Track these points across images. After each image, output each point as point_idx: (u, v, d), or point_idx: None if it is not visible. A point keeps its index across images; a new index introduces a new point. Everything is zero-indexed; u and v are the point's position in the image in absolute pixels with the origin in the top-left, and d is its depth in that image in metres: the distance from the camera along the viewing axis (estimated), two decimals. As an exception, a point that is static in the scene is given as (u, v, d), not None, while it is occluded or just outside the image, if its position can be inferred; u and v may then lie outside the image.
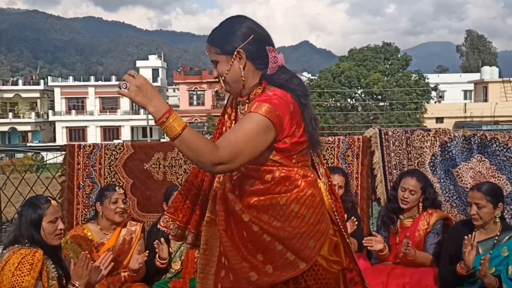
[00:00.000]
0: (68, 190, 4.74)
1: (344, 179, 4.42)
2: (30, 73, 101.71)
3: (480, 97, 47.58)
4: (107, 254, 3.42)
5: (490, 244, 3.58)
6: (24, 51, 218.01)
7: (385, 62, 43.49)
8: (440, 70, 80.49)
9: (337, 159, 4.85)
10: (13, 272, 2.85)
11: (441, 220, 4.12)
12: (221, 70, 2.39)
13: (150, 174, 4.76)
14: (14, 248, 3.01)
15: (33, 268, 2.89)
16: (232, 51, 2.36)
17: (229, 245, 2.40)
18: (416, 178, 4.18)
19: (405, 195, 4.15)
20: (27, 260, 2.89)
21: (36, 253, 2.95)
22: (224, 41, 2.39)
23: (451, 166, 4.80)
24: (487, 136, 4.81)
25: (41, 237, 3.06)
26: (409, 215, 4.22)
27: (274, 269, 2.33)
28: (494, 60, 73.16)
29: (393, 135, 4.88)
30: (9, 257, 2.92)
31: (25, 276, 2.85)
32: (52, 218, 3.10)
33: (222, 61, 2.39)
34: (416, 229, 4.13)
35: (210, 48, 2.42)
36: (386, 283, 3.90)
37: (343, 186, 4.40)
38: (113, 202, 3.99)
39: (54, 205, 3.19)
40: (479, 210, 3.57)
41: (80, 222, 4.60)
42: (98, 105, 55.73)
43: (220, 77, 2.41)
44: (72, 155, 4.75)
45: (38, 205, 3.11)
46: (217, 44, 2.40)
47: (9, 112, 56.08)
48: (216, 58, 2.40)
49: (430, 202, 4.18)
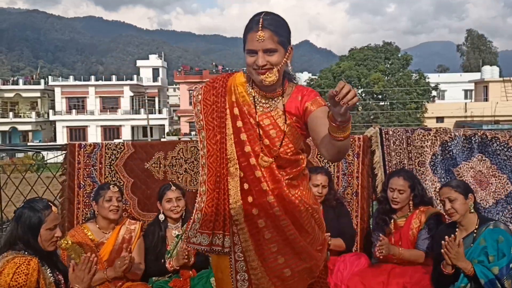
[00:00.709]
0: (68, 190, 4.74)
1: (327, 178, 4.42)
2: (30, 73, 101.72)
3: (481, 97, 47.57)
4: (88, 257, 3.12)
5: (471, 239, 3.65)
6: (25, 51, 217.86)
7: (386, 61, 43.48)
8: (440, 69, 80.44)
9: (337, 158, 4.84)
10: (9, 283, 2.77)
11: (433, 216, 4.14)
12: (278, 60, 2.45)
13: (150, 173, 4.75)
14: (8, 255, 2.92)
15: (28, 278, 2.81)
16: (287, 45, 2.48)
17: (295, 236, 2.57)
18: (403, 177, 4.21)
19: (394, 195, 4.18)
20: (22, 270, 2.81)
21: (31, 261, 2.87)
22: (285, 34, 2.48)
23: (452, 166, 4.80)
24: (488, 136, 4.81)
25: (37, 243, 2.99)
26: (401, 215, 4.24)
27: (320, 251, 2.73)
28: (495, 60, 73.16)
29: (393, 135, 4.87)
30: (3, 267, 2.83)
31: (22, 287, 2.80)
32: (51, 226, 3.03)
33: (280, 52, 2.45)
34: (409, 228, 4.15)
35: (272, 35, 2.42)
36: (386, 283, 3.91)
37: (327, 185, 4.41)
38: (107, 200, 3.98)
39: (55, 211, 3.11)
40: (452, 203, 3.67)
41: (80, 221, 4.60)
42: (98, 104, 55.71)
43: (276, 66, 2.44)
44: (73, 155, 4.74)
45: (39, 210, 3.02)
46: (281, 34, 2.45)
47: (10, 112, 56.08)
48: (276, 47, 2.44)
49: (420, 199, 4.21)
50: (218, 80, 2.66)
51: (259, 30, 2.40)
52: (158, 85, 59.27)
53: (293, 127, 2.57)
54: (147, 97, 52.86)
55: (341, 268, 4.15)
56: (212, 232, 2.61)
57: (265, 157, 2.53)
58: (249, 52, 2.46)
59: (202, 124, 2.64)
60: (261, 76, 2.44)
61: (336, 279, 4.11)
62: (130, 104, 55.75)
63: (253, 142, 2.55)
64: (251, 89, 2.59)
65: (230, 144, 2.57)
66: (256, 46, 2.41)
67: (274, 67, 2.43)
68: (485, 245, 3.55)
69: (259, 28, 2.40)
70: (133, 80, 57.57)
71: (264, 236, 2.55)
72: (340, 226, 4.32)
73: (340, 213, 4.43)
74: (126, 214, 4.63)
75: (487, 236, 3.57)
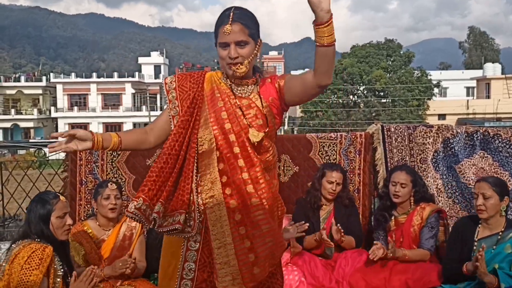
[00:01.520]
0: (70, 186, 4.75)
1: (342, 175, 4.43)
2: (32, 70, 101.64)
3: (483, 94, 47.51)
4: (91, 269, 3.16)
5: (493, 241, 3.57)
6: (27, 48, 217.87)
7: (388, 58, 43.37)
8: (442, 66, 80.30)
9: (339, 155, 4.84)
10: (22, 266, 2.87)
11: (435, 213, 4.14)
12: (249, 52, 2.54)
13: (152, 170, 4.75)
14: (24, 242, 3.02)
15: (42, 263, 2.90)
16: (257, 38, 2.58)
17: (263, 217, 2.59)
18: (405, 171, 4.25)
19: (396, 189, 4.20)
20: (36, 254, 2.91)
21: (46, 248, 2.96)
22: (255, 27, 2.57)
23: (454, 163, 4.79)
24: (490, 133, 4.80)
25: (51, 232, 3.08)
26: (403, 212, 4.24)
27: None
28: (497, 57, 72.98)
29: (395, 131, 4.87)
30: (19, 251, 2.93)
31: (33, 270, 2.87)
32: (61, 213, 3.12)
33: (250, 44, 2.54)
34: (411, 225, 4.15)
35: (243, 28, 2.51)
36: (388, 279, 3.91)
37: (341, 182, 4.42)
38: (105, 198, 3.97)
39: (63, 200, 3.21)
40: (486, 201, 3.55)
41: (82, 218, 4.60)
42: (100, 101, 55.69)
43: (247, 58, 2.53)
44: (75, 151, 4.73)
45: (47, 200, 3.13)
46: (251, 27, 2.54)
47: (12, 109, 56.08)
48: (247, 39, 2.52)
49: (421, 195, 4.22)
50: (195, 72, 2.76)
51: (229, 24, 2.49)
52: (160, 82, 59.15)
53: (270, 109, 2.67)
54: (149, 94, 52.87)
55: (343, 264, 4.15)
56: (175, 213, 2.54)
57: (255, 131, 2.59)
58: (221, 46, 2.55)
59: (177, 110, 2.66)
60: (232, 67, 2.55)
61: (337, 276, 4.11)
62: (131, 101, 55.70)
63: (233, 120, 2.61)
64: (226, 79, 2.69)
65: (205, 127, 2.61)
66: (228, 39, 2.50)
67: (245, 59, 2.53)
68: (511, 252, 3.45)
69: (229, 22, 2.49)
70: (134, 77, 57.53)
71: (234, 218, 2.55)
72: (350, 226, 4.31)
73: (350, 212, 4.44)
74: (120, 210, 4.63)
75: None
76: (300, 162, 4.85)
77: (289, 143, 4.87)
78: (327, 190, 4.38)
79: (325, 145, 4.86)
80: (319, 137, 4.89)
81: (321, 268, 4.15)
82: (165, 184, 2.53)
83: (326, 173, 4.41)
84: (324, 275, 4.11)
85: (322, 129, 39.65)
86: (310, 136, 4.89)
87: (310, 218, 4.35)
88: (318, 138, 4.88)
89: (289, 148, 4.85)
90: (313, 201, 4.42)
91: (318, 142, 4.86)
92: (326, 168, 4.47)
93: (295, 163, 4.84)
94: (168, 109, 2.71)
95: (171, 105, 2.68)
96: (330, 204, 4.45)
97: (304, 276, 4.04)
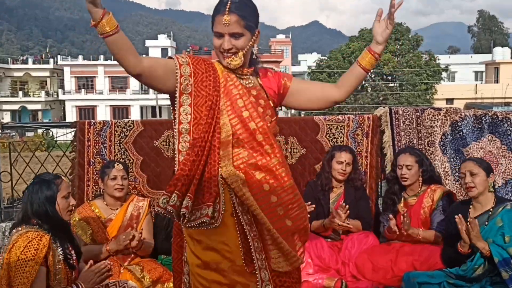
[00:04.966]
0: (78, 167, 4.77)
1: (351, 156, 4.43)
2: (39, 52, 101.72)
3: (492, 78, 47.22)
4: (105, 263, 3.18)
5: (485, 218, 3.63)
6: (34, 30, 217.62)
7: (396, 42, 43.06)
8: (451, 50, 79.78)
9: (346, 137, 4.84)
10: (18, 256, 2.84)
11: (445, 195, 4.14)
12: (244, 44, 2.47)
13: (160, 151, 4.77)
14: (21, 229, 2.98)
15: (37, 253, 2.86)
16: (255, 29, 2.50)
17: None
18: (409, 153, 4.26)
19: (403, 172, 4.21)
20: (32, 245, 2.87)
21: (43, 237, 2.92)
22: (253, 18, 2.48)
23: (462, 146, 4.78)
24: (499, 116, 4.78)
25: (56, 213, 3.04)
26: (412, 193, 4.25)
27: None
28: (506, 41, 72.49)
29: (403, 114, 4.85)
30: (16, 240, 2.90)
31: (29, 261, 2.83)
32: (65, 193, 3.11)
33: (246, 36, 2.46)
34: (421, 207, 4.16)
35: (238, 20, 2.41)
36: (395, 261, 3.92)
37: (351, 163, 4.42)
38: (111, 178, 4.01)
39: (65, 180, 3.21)
40: (473, 178, 3.62)
41: (90, 198, 4.63)
42: (107, 84, 55.71)
43: (241, 50, 2.46)
44: (82, 132, 4.76)
45: (51, 181, 3.09)
46: (248, 18, 2.45)
47: (19, 91, 56.24)
48: (242, 31, 2.44)
49: (429, 174, 4.22)
50: (204, 57, 2.63)
51: (225, 14, 2.40)
52: (167, 65, 59.01)
53: (272, 101, 2.65)
54: (156, 77, 52.79)
55: (349, 246, 4.17)
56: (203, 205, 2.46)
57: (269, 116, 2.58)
58: (216, 35, 2.47)
59: (190, 89, 2.47)
60: (226, 59, 2.48)
61: (343, 257, 4.13)
62: (139, 84, 55.61)
63: (250, 108, 2.52)
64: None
65: (224, 113, 2.50)
66: (223, 29, 2.42)
67: (240, 51, 2.46)
68: (502, 225, 3.52)
69: (225, 12, 2.40)
70: (142, 60, 57.47)
71: (271, 199, 2.51)
72: (359, 209, 4.33)
73: (361, 196, 4.45)
74: (135, 191, 4.66)
75: (504, 216, 3.54)
76: (307, 145, 4.84)
77: (296, 125, 4.86)
78: (337, 170, 4.39)
79: (332, 128, 4.85)
80: (326, 120, 4.89)
81: (328, 250, 4.17)
82: (195, 177, 2.44)
83: (335, 154, 4.42)
84: (330, 257, 4.13)
85: (329, 112, 39.57)
86: (318, 119, 4.88)
87: (320, 200, 4.36)
88: (326, 121, 4.88)
89: (296, 130, 4.84)
90: (324, 183, 4.43)
91: (326, 125, 4.86)
92: (335, 150, 4.48)
93: (302, 145, 4.84)
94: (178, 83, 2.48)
95: (181, 79, 2.45)
96: (340, 187, 4.46)
97: (311, 257, 4.06)
